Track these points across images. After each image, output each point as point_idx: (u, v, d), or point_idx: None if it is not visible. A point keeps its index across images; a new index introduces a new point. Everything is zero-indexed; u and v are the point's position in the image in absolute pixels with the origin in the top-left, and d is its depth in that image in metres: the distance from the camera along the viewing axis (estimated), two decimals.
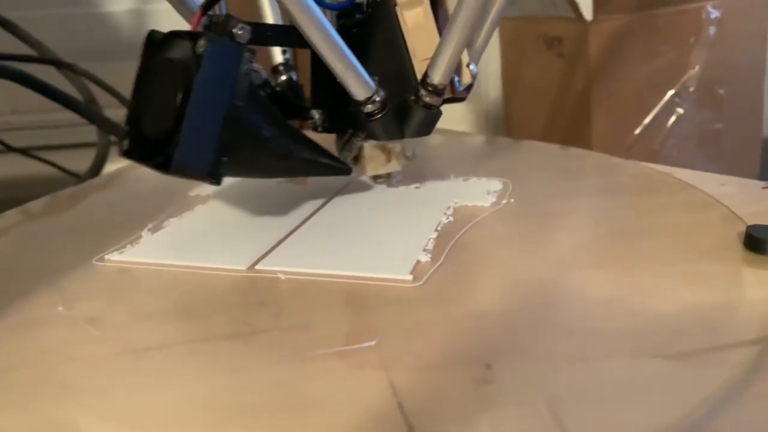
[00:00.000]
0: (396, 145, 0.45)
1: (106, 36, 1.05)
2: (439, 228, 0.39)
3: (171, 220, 0.43)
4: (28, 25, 0.84)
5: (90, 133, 0.95)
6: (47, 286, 0.35)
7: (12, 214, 0.49)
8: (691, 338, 0.27)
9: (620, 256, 0.35)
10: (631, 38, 0.66)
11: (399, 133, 0.43)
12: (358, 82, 0.40)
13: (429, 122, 0.43)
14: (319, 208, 0.44)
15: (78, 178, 0.87)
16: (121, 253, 0.38)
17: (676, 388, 0.24)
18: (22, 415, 0.25)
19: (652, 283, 0.32)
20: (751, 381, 0.24)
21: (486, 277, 0.34)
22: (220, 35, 0.36)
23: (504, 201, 0.43)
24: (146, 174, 0.61)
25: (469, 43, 0.45)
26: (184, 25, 0.40)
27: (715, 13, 0.63)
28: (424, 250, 0.36)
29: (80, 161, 0.92)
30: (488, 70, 0.94)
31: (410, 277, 0.33)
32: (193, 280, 0.35)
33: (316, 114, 0.46)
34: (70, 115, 0.87)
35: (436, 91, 0.41)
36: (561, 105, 0.72)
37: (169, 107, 0.34)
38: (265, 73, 0.46)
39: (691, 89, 0.65)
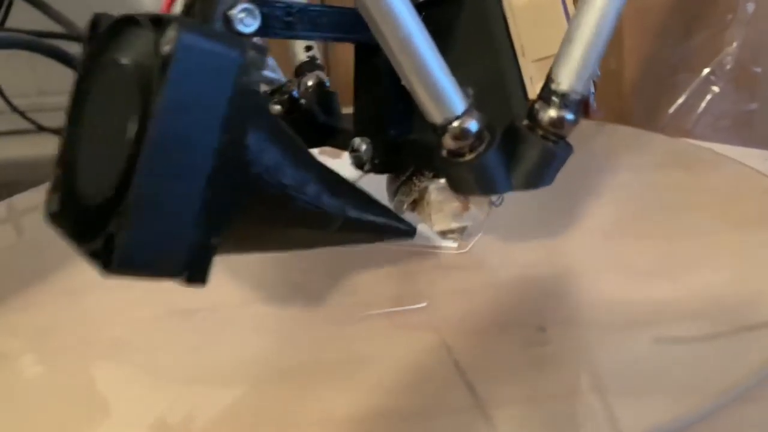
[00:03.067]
0: None
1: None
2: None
3: None
4: (58, 4, 0.85)
5: None
6: None
7: (42, 190, 0.48)
8: (740, 308, 0.27)
9: (664, 227, 0.35)
10: (665, 14, 0.65)
11: (501, 184, 0.27)
12: (442, 96, 0.24)
13: (551, 164, 0.27)
14: (358, 178, 0.44)
15: None
16: None
17: (725, 358, 0.24)
18: (74, 373, 0.25)
19: (698, 254, 0.32)
20: None
21: (529, 246, 0.34)
22: (205, 21, 0.21)
23: None
24: None
25: None
26: None
27: None
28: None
29: None
30: None
31: (455, 245, 0.33)
32: None
33: (362, 144, 0.30)
34: None
35: (568, 106, 0.25)
36: None
37: (115, 147, 0.19)
38: (284, 78, 0.33)
39: (728, 68, 0.64)
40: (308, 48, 0.35)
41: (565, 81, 0.25)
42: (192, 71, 0.19)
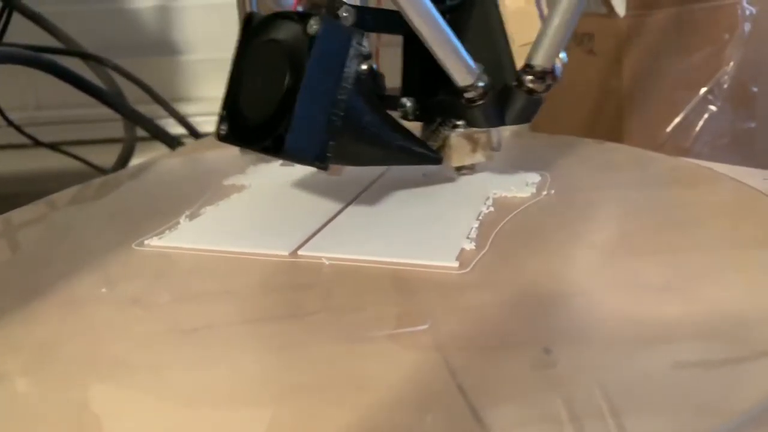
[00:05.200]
0: (482, 136, 0.44)
1: (132, 32, 1.06)
2: (480, 217, 0.39)
3: (207, 207, 0.43)
4: (55, 19, 0.85)
5: (112, 128, 0.95)
6: (88, 269, 0.35)
7: (40, 205, 0.48)
8: (750, 326, 0.27)
9: (669, 244, 0.35)
10: (664, 34, 0.66)
11: (500, 120, 0.42)
12: (462, 68, 0.39)
13: (531, 109, 0.42)
14: (355, 198, 0.43)
15: (104, 173, 0.87)
16: (160, 238, 0.38)
17: (738, 377, 0.24)
18: (73, 390, 0.25)
19: (707, 270, 0.32)
20: None
21: (534, 264, 0.33)
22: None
23: (544, 192, 0.43)
24: (176, 164, 0.61)
25: None
26: (212, 22, 0.41)
27: (750, 10, 0.62)
28: (468, 238, 0.36)
29: (103, 157, 0.92)
30: None
31: (456, 264, 0.33)
32: (235, 265, 0.35)
33: (407, 102, 0.44)
34: (93, 111, 0.87)
35: (540, 76, 0.40)
36: (590, 103, 0.72)
37: (275, 89, 0.34)
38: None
39: (725, 87, 0.64)
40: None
41: (537, 59, 0.39)
42: (327, 43, 0.34)
